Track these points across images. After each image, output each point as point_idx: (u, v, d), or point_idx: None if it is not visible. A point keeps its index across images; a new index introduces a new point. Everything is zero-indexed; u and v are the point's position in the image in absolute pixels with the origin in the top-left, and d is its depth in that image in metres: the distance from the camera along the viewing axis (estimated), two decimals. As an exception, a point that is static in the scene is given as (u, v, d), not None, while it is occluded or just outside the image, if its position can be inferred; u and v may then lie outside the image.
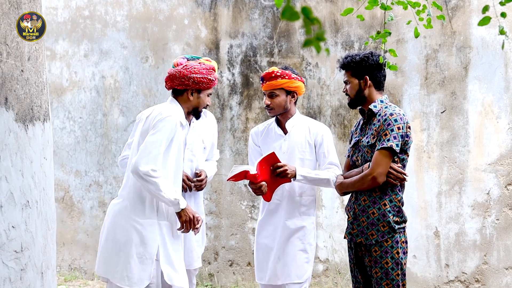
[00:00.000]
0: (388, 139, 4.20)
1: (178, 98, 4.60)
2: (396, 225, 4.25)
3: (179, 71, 4.55)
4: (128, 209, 4.38)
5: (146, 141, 4.33)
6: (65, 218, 7.54)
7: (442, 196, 6.39)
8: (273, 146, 4.94)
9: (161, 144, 4.32)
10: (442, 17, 4.39)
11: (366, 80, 4.37)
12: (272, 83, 4.88)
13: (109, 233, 4.42)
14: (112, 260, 4.39)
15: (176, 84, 4.56)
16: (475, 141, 6.27)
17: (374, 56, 4.40)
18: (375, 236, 4.26)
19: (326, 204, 6.73)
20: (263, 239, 4.99)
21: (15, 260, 3.72)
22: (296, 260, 4.88)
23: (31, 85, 3.89)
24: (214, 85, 4.64)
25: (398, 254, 4.25)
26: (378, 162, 4.22)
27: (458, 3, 6.29)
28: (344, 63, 4.43)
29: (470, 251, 6.31)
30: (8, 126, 3.71)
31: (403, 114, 4.28)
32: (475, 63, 6.27)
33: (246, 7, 6.97)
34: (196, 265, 5.03)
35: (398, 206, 4.30)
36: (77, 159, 7.52)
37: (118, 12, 7.36)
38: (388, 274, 4.24)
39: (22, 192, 3.76)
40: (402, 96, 6.49)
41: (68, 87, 7.54)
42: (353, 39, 6.63)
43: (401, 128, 4.22)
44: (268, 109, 4.93)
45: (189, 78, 4.53)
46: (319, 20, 1.98)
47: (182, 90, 4.58)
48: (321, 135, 4.90)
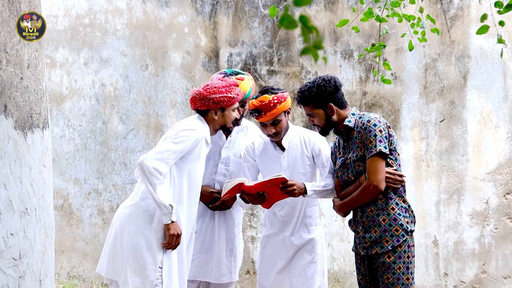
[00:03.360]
0: (375, 145, 4.21)
1: (205, 118, 4.60)
2: (409, 226, 4.27)
3: (199, 92, 4.54)
4: (138, 215, 4.41)
5: (163, 144, 4.37)
6: (64, 226, 7.54)
7: (440, 205, 6.39)
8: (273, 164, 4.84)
9: (175, 152, 4.35)
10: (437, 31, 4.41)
11: (331, 107, 4.38)
12: (274, 112, 4.72)
13: (117, 237, 4.46)
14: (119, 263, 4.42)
15: (199, 106, 4.56)
16: (474, 150, 6.28)
17: (328, 82, 4.39)
18: (390, 242, 4.25)
19: (325, 213, 6.73)
20: (269, 251, 4.92)
21: (13, 267, 3.72)
22: (304, 273, 4.82)
23: (31, 93, 3.90)
24: (238, 100, 4.59)
25: (408, 258, 4.26)
26: (374, 170, 4.21)
27: (457, 12, 6.31)
28: (303, 98, 4.41)
29: (468, 260, 6.31)
30: (7, 133, 3.72)
31: (379, 117, 4.31)
32: (474, 73, 6.28)
33: (246, 15, 6.99)
34: (225, 280, 4.97)
35: (405, 207, 4.30)
36: (77, 167, 7.52)
37: (118, 20, 7.38)
38: (400, 279, 4.23)
39: (20, 200, 3.77)
40: (401, 105, 6.50)
41: (68, 95, 7.55)
42: (353, 48, 6.64)
43: (382, 131, 4.24)
44: (273, 136, 4.79)
45: (209, 99, 4.52)
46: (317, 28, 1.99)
47: (205, 110, 4.58)
48: (318, 145, 4.84)
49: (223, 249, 4.97)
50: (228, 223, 5.00)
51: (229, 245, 4.99)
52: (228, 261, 4.99)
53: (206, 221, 4.97)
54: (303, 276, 4.81)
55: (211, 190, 4.90)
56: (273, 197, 4.73)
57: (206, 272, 4.94)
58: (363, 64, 6.59)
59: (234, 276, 5.03)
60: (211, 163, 4.93)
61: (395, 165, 4.31)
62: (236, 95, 4.57)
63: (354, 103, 6.58)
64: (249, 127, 5.10)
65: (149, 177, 4.30)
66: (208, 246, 4.94)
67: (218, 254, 4.93)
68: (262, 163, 4.91)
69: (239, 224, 5.10)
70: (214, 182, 4.95)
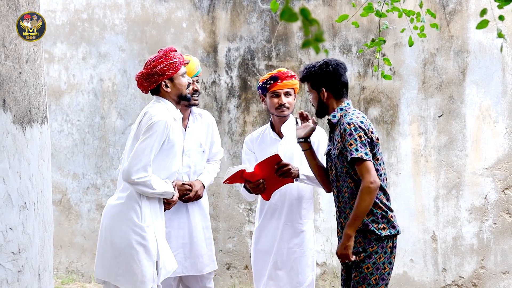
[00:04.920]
0: (356, 149, 4.12)
1: (159, 95, 4.52)
2: (382, 232, 4.19)
3: (142, 73, 4.49)
4: (127, 212, 4.38)
5: (137, 148, 4.32)
6: (63, 221, 7.54)
7: (439, 200, 6.39)
8: (270, 151, 4.92)
9: (152, 150, 4.32)
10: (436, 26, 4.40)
11: (323, 92, 4.32)
12: (290, 83, 4.89)
13: (107, 237, 4.42)
14: (112, 264, 4.38)
15: (148, 85, 4.50)
16: (472, 145, 6.28)
17: (329, 65, 4.31)
18: (362, 244, 4.21)
19: (324, 208, 6.73)
20: (262, 246, 4.95)
21: (12, 261, 3.71)
22: (296, 267, 4.84)
23: (29, 87, 3.89)
24: (182, 64, 4.53)
25: (380, 259, 4.19)
26: (364, 171, 4.12)
27: (456, 7, 6.30)
28: (303, 75, 4.39)
29: (467, 255, 6.31)
30: (6, 127, 3.71)
31: (360, 121, 4.18)
32: (472, 67, 6.28)
33: (244, 10, 6.98)
34: (208, 269, 5.02)
35: (381, 213, 4.21)
36: (75, 161, 7.51)
37: (116, 15, 7.36)
38: (366, 279, 4.18)
39: (19, 194, 3.76)
40: (399, 100, 6.49)
41: (66, 90, 7.54)
42: (351, 43, 6.64)
43: (363, 136, 4.14)
44: (282, 108, 4.89)
45: (154, 74, 4.45)
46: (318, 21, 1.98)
47: (156, 87, 4.51)
48: (317, 137, 4.89)
49: (202, 239, 5.00)
50: (201, 212, 5.04)
51: (207, 234, 5.04)
52: (209, 250, 5.03)
53: (182, 216, 5.00)
54: (295, 270, 4.83)
55: (182, 183, 4.93)
56: (272, 185, 4.77)
57: (190, 265, 4.96)
58: (361, 59, 6.59)
59: (214, 265, 5.07)
60: None
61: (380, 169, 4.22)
62: (178, 59, 4.49)
63: (352, 98, 6.58)
64: (203, 114, 5.16)
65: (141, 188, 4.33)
66: (187, 240, 4.96)
67: (199, 245, 4.96)
68: (260, 152, 4.95)
69: (208, 211, 5.16)
70: (181, 175, 4.98)
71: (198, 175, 5.06)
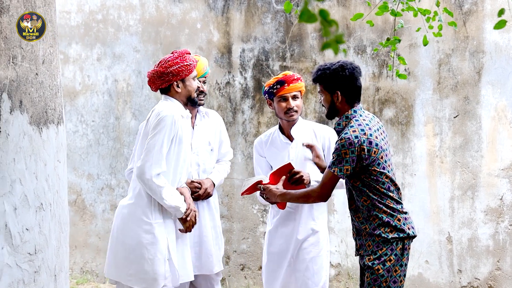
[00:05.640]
0: (333, 162, 4.15)
1: (168, 94, 4.58)
2: (389, 235, 4.18)
3: (156, 71, 4.53)
4: (137, 211, 4.42)
5: (148, 145, 4.36)
6: (77, 221, 7.56)
7: (454, 201, 6.36)
8: (281, 155, 4.91)
9: (162, 145, 4.34)
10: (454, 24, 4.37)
11: (337, 95, 4.28)
12: (297, 86, 4.88)
13: (119, 236, 4.46)
14: (124, 264, 4.41)
15: (159, 84, 4.55)
16: (488, 146, 6.25)
17: (345, 69, 4.26)
18: (371, 247, 4.22)
19: (338, 209, 6.71)
20: (275, 248, 4.94)
21: (29, 262, 3.73)
22: (311, 267, 4.84)
23: (45, 88, 3.90)
24: (195, 67, 4.59)
25: (390, 262, 4.19)
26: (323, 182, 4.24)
27: (472, 7, 6.27)
28: (316, 76, 4.35)
29: (483, 257, 6.28)
30: (22, 129, 3.73)
31: (355, 136, 4.11)
32: (488, 68, 6.24)
33: (258, 11, 6.97)
34: (217, 269, 5.04)
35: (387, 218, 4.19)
36: (90, 162, 7.54)
37: (131, 16, 7.38)
38: (377, 280, 4.19)
39: (36, 195, 3.77)
40: (414, 100, 6.47)
41: (81, 90, 7.56)
42: (366, 44, 6.62)
43: (348, 153, 4.11)
44: (291, 112, 4.87)
45: (168, 73, 4.50)
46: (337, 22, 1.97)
47: (167, 87, 4.56)
48: (328, 138, 4.90)
49: (211, 239, 5.01)
50: (211, 211, 5.05)
51: (215, 234, 5.05)
52: (216, 250, 5.04)
53: None
54: (310, 271, 4.82)
55: (191, 180, 4.94)
56: None
57: (200, 265, 4.97)
58: (376, 59, 6.57)
59: (221, 265, 5.09)
60: None
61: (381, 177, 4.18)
62: (192, 62, 4.56)
63: (367, 99, 6.56)
64: (210, 113, 5.18)
65: (152, 187, 4.33)
66: (198, 239, 4.98)
67: (208, 244, 4.97)
68: (271, 156, 4.95)
69: (218, 211, 5.15)
70: (190, 173, 4.99)
71: (207, 174, 5.06)
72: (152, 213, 4.41)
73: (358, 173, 4.18)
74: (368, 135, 4.15)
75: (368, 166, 4.15)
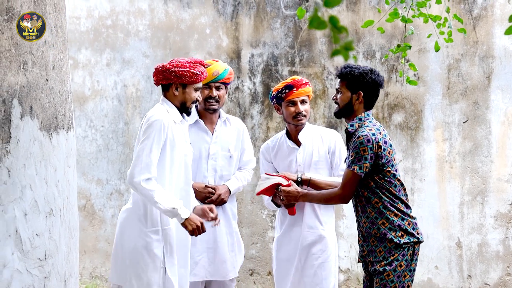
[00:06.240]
0: (353, 160, 4.17)
1: (166, 94, 4.49)
2: (401, 240, 4.18)
3: (162, 65, 4.47)
4: (134, 217, 4.40)
5: (138, 150, 4.30)
6: (87, 226, 7.58)
7: (464, 206, 6.34)
8: (288, 160, 4.91)
9: (151, 149, 4.27)
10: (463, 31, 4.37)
11: (359, 96, 4.30)
12: (305, 90, 4.87)
13: (118, 241, 4.47)
14: (123, 269, 4.41)
15: (161, 79, 4.46)
16: (498, 151, 6.23)
17: (373, 74, 4.31)
18: (383, 253, 4.22)
19: (347, 214, 6.70)
20: (283, 254, 4.94)
21: (39, 267, 3.74)
22: (319, 273, 4.83)
23: (56, 94, 3.92)
24: (201, 79, 4.50)
25: (401, 267, 4.18)
26: (344, 182, 4.24)
27: (481, 12, 6.26)
28: (342, 72, 4.35)
29: (493, 262, 6.26)
30: (33, 134, 3.74)
31: (372, 134, 4.18)
32: (498, 73, 6.23)
33: (267, 16, 6.98)
34: (231, 276, 5.01)
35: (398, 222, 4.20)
36: (99, 167, 7.55)
37: (140, 21, 7.40)
38: (386, 285, 4.17)
39: (46, 200, 3.79)
40: (424, 105, 6.46)
41: (90, 95, 7.59)
42: (375, 49, 6.61)
43: (367, 151, 4.15)
44: (300, 117, 4.86)
45: (171, 71, 4.42)
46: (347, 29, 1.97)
47: (167, 85, 4.47)
48: (333, 141, 4.91)
49: (226, 245, 5.00)
50: (227, 217, 5.03)
51: (230, 240, 5.03)
52: (231, 257, 5.02)
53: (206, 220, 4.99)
54: (318, 277, 4.81)
55: (205, 185, 4.94)
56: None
57: (213, 270, 4.96)
58: (385, 65, 6.56)
59: (235, 272, 5.06)
60: (202, 160, 4.98)
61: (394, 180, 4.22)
62: (200, 73, 4.46)
63: (376, 104, 6.55)
64: (232, 120, 5.16)
65: (143, 192, 4.25)
66: (211, 244, 4.96)
67: (222, 250, 4.96)
68: (278, 161, 4.94)
69: (236, 219, 5.12)
70: (206, 179, 4.98)
71: (224, 181, 5.05)
72: (148, 220, 4.37)
73: (372, 173, 4.20)
74: (383, 135, 4.22)
75: (383, 166, 4.18)
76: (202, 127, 5.03)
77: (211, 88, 4.98)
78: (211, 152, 4.98)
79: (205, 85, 4.95)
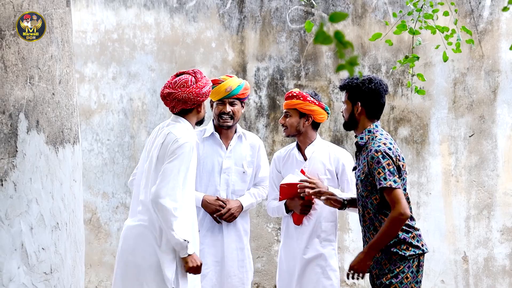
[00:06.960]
0: (384, 177, 4.10)
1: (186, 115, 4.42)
2: (406, 252, 4.17)
3: (192, 91, 4.35)
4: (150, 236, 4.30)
5: (165, 170, 4.21)
6: (92, 240, 7.57)
7: (470, 220, 6.32)
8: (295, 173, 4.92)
9: (179, 172, 4.21)
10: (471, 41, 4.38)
11: (358, 106, 4.29)
12: (288, 103, 4.90)
13: (129, 257, 4.35)
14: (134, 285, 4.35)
15: (190, 105, 4.38)
16: (504, 165, 6.22)
17: (372, 83, 4.27)
18: (388, 266, 4.20)
19: (353, 228, 6.69)
20: (284, 266, 4.94)
21: (45, 282, 3.74)
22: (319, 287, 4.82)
23: (62, 108, 3.93)
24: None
25: (407, 279, 4.16)
26: (395, 200, 4.10)
27: (487, 27, 6.27)
28: (341, 85, 4.38)
29: (499, 277, 6.23)
30: (39, 148, 3.75)
31: (388, 148, 4.15)
32: (504, 87, 6.23)
33: (273, 30, 7.00)
34: None
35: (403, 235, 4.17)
36: (105, 181, 7.56)
37: (146, 35, 7.43)
38: None
39: (52, 214, 3.79)
40: (429, 119, 6.46)
41: (96, 109, 7.61)
42: (380, 62, 6.62)
43: (391, 164, 4.12)
44: (283, 128, 4.94)
45: (202, 94, 4.35)
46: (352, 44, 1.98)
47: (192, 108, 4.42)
48: (341, 162, 4.87)
49: (234, 260, 4.98)
50: (238, 233, 5.02)
51: (240, 256, 5.01)
52: (240, 272, 4.99)
53: (215, 233, 4.98)
54: None
55: (217, 197, 4.95)
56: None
57: (219, 284, 4.95)
58: (391, 78, 6.57)
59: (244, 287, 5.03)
60: (215, 174, 4.98)
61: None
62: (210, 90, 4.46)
63: (382, 117, 6.55)
64: (246, 135, 5.17)
65: (165, 216, 4.17)
66: (219, 258, 4.95)
67: (230, 266, 4.95)
68: (286, 172, 4.96)
69: (247, 235, 5.09)
70: (218, 192, 4.99)
71: (237, 196, 5.04)
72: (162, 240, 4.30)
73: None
74: (396, 148, 4.22)
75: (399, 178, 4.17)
76: (217, 140, 5.03)
77: (225, 104, 4.96)
78: (224, 166, 4.98)
79: (219, 101, 4.94)
